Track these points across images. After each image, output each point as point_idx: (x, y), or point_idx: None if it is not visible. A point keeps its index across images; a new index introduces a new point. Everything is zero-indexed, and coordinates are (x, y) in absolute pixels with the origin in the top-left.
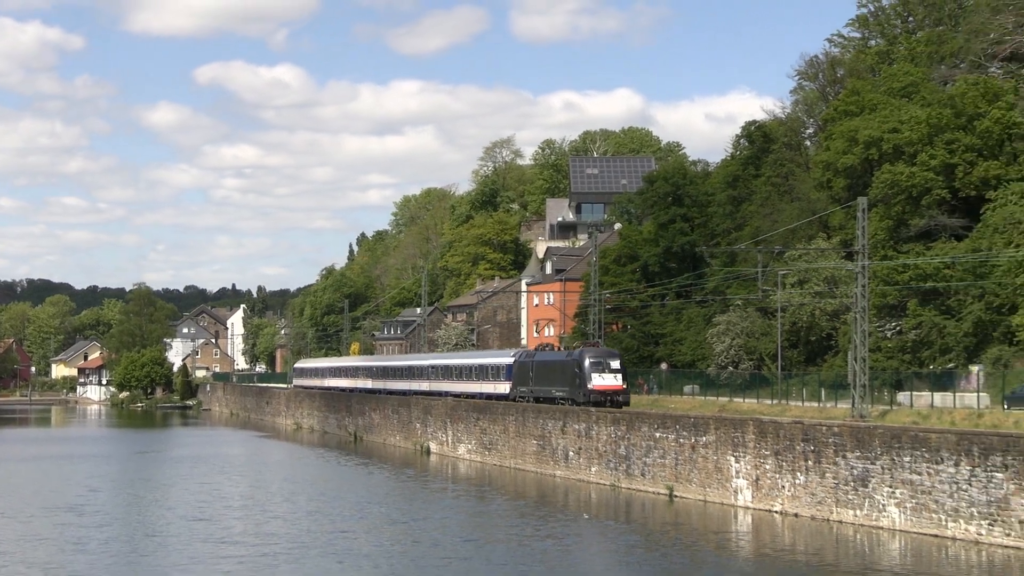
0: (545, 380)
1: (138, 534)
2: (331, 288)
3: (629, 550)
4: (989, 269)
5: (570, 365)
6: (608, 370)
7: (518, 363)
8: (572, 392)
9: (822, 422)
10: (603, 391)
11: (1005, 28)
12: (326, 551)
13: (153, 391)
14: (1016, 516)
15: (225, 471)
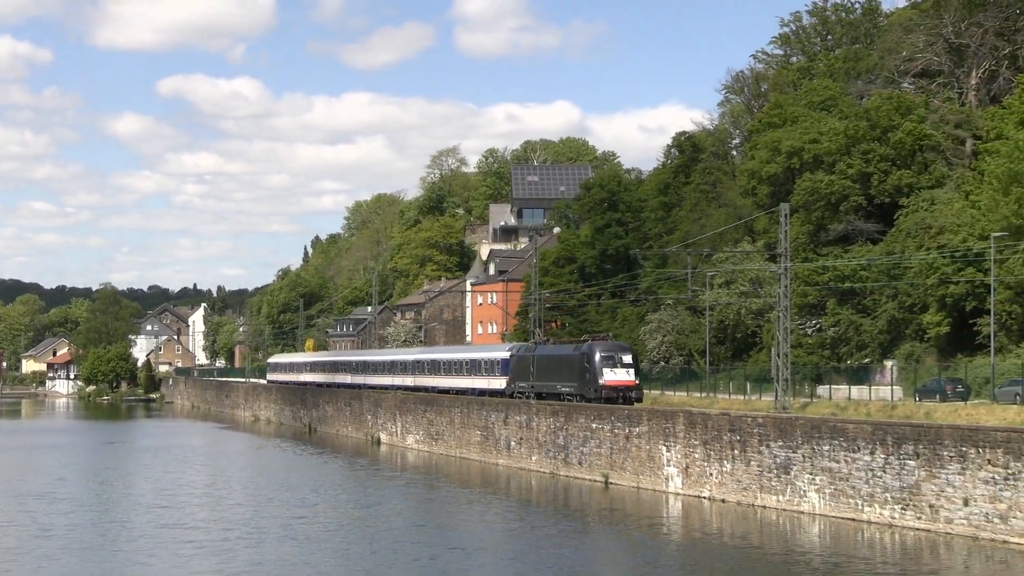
0: (549, 375)
1: (104, 520)
2: (287, 288)
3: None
4: (902, 271)
5: (578, 359)
6: (620, 364)
7: (516, 357)
8: (581, 387)
9: (747, 414)
10: (615, 387)
11: (916, 46)
12: (283, 535)
13: (118, 385)
14: (927, 501)
15: (187, 460)
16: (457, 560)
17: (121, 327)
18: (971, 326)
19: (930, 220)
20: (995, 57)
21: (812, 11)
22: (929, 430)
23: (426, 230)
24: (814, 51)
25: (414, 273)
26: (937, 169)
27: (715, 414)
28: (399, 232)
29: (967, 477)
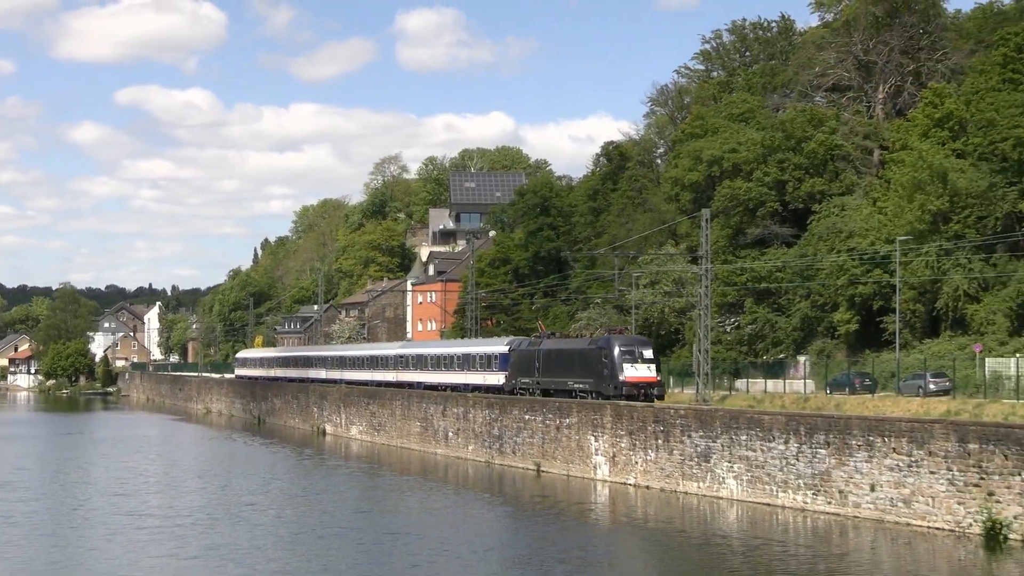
0: (558, 371)
1: (63, 507)
2: (237, 287)
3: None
4: (814, 272)
5: (594, 354)
6: (641, 360)
7: (517, 352)
8: (597, 384)
9: (670, 406)
10: (636, 383)
11: (828, 63)
12: (234, 522)
13: (77, 379)
14: (836, 486)
15: (142, 451)
16: (399, 544)
17: (80, 324)
18: (878, 324)
19: (840, 225)
20: (900, 73)
21: (731, 29)
22: (839, 421)
23: (369, 233)
24: (733, 66)
25: (358, 274)
26: (847, 177)
27: (640, 406)
28: (344, 235)
29: (874, 464)
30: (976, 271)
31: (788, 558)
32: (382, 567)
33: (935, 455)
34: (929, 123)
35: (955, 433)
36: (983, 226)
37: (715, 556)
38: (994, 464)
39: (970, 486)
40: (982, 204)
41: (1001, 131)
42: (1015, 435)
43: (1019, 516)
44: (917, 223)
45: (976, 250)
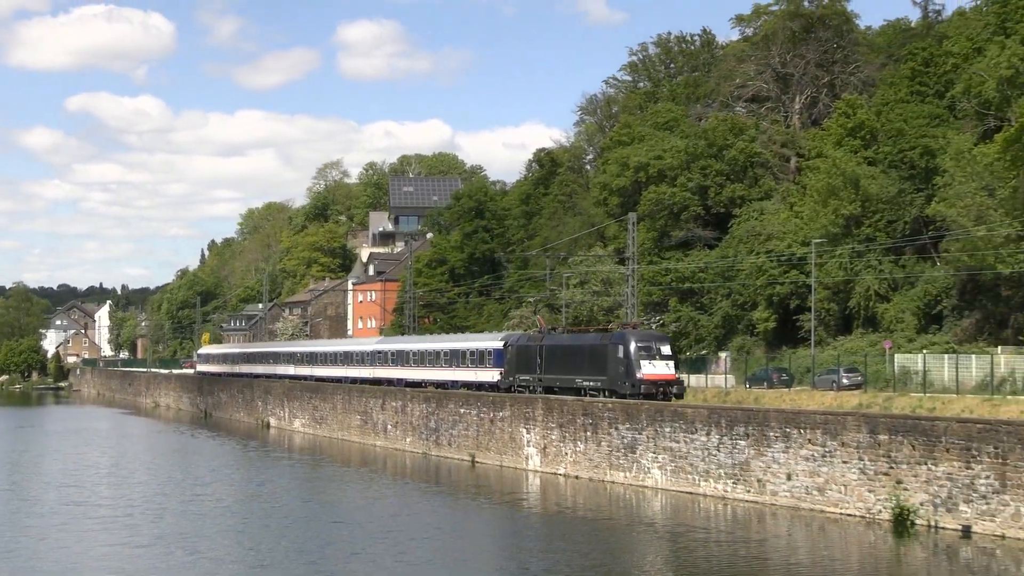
0: (565, 367)
1: (15, 498)
2: (185, 287)
3: (440, 508)
4: (735, 273)
5: (607, 350)
6: (659, 356)
7: (515, 347)
8: (611, 382)
9: (598, 400)
10: (655, 381)
11: (748, 75)
12: (183, 511)
13: (29, 375)
14: (755, 476)
15: (92, 443)
16: (342, 532)
17: (32, 322)
18: (794, 322)
19: (759, 228)
20: (816, 85)
21: (657, 43)
22: (758, 413)
23: (312, 235)
24: (659, 78)
25: (301, 274)
26: (765, 183)
27: (570, 400)
28: (287, 237)
29: (790, 455)
30: (886, 272)
31: (710, 544)
32: (325, 555)
33: (847, 446)
34: (842, 132)
35: (866, 425)
36: (892, 230)
37: (642, 542)
38: (902, 454)
39: (880, 475)
40: (891, 209)
41: (909, 140)
42: (922, 426)
43: (925, 503)
44: (831, 226)
45: (886, 252)
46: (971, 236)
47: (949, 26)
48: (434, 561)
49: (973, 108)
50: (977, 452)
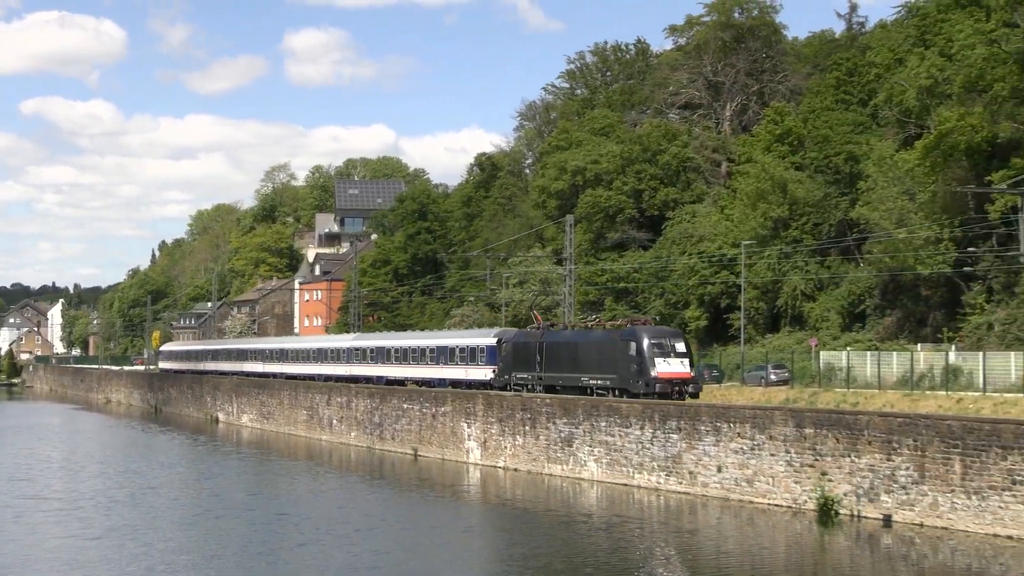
0: (568, 365)
1: None
2: (136, 286)
3: (384, 500)
4: (668, 273)
5: (617, 347)
6: (674, 353)
7: (512, 344)
8: (622, 381)
9: (536, 395)
10: (670, 379)
11: (680, 83)
12: (134, 504)
13: None
14: (687, 468)
15: (45, 438)
16: (289, 524)
17: None
18: (725, 320)
19: (691, 230)
20: (746, 93)
21: (594, 51)
22: (689, 408)
23: (260, 236)
24: (595, 85)
25: (249, 273)
26: (697, 187)
27: (509, 396)
28: (236, 237)
29: (720, 448)
30: (812, 273)
31: (644, 533)
32: (273, 546)
33: (775, 439)
34: (771, 138)
35: (793, 419)
36: (818, 232)
37: (578, 532)
38: (827, 447)
39: (806, 467)
40: (817, 212)
41: (834, 146)
42: (845, 420)
43: (848, 493)
44: (760, 229)
45: (812, 254)
46: (892, 238)
47: (872, 38)
48: (380, 551)
49: (894, 116)
50: (897, 445)
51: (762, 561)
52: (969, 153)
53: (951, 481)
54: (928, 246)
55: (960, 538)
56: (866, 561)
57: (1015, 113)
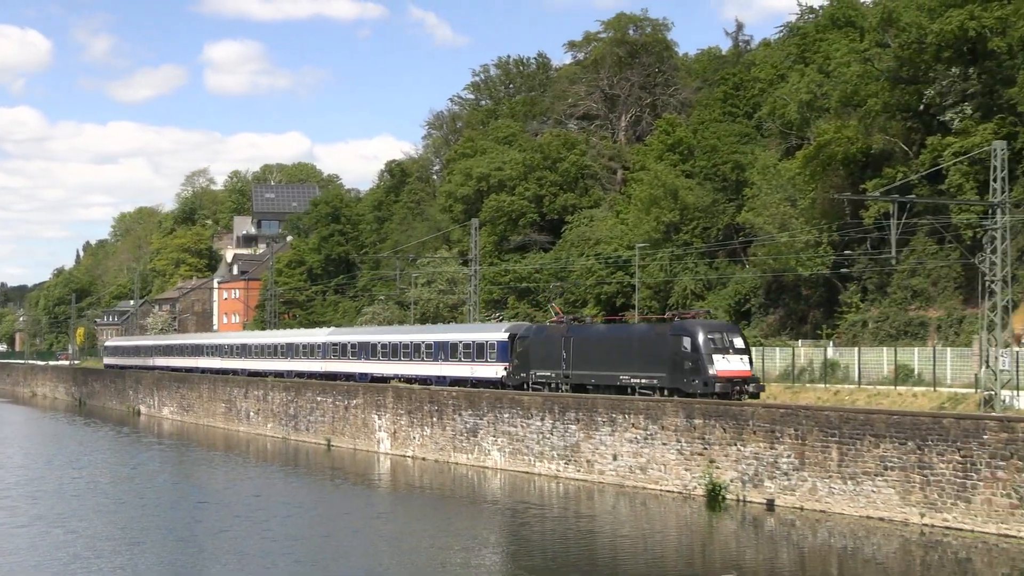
0: (603, 362)
1: None
2: (61, 285)
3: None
4: (567, 273)
5: (667, 343)
6: (733, 350)
7: (530, 340)
8: (673, 380)
9: (444, 389)
10: (731, 378)
11: (579, 95)
12: (59, 493)
13: None
14: (584, 457)
15: None
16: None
17: None
18: (620, 318)
19: (589, 233)
20: (640, 105)
21: (498, 65)
22: (587, 401)
23: (180, 237)
24: (499, 96)
25: (170, 273)
26: (594, 193)
27: (417, 389)
28: (157, 239)
29: (616, 438)
30: (701, 274)
31: (545, 517)
32: (194, 532)
33: (667, 429)
34: (663, 147)
35: (683, 410)
36: (707, 235)
37: (483, 516)
38: (715, 436)
39: (695, 455)
40: (706, 217)
41: (722, 155)
42: (732, 412)
43: (735, 480)
44: (653, 232)
45: (701, 256)
46: (775, 242)
47: (756, 55)
48: (295, 536)
49: (777, 128)
50: (780, 434)
51: (654, 543)
52: (845, 163)
53: (829, 467)
54: (808, 249)
55: (837, 520)
56: (751, 543)
57: (887, 126)
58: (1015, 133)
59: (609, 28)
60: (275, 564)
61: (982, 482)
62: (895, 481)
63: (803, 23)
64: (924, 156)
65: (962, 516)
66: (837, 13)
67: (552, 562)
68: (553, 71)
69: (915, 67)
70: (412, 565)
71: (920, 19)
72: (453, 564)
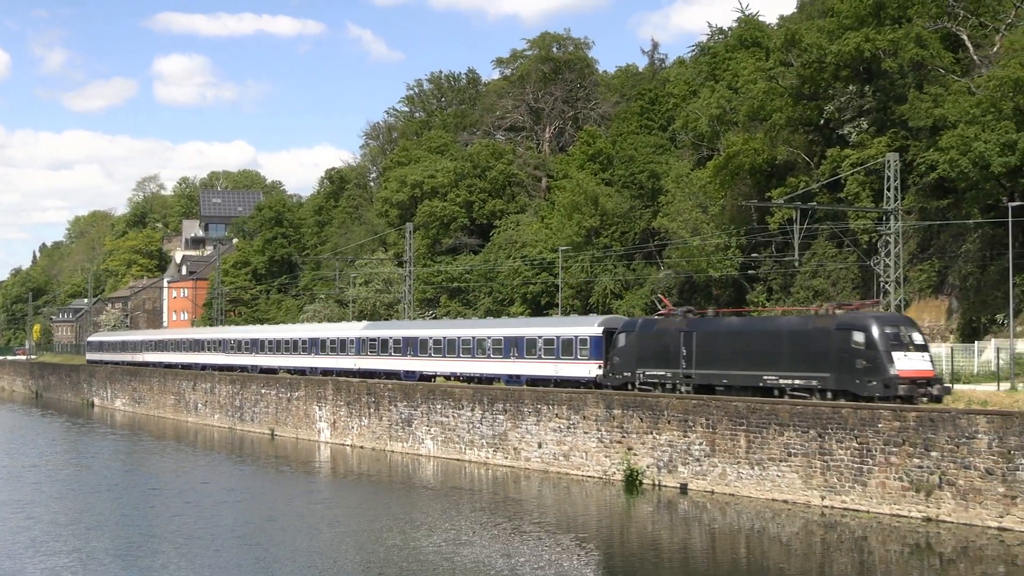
0: (740, 360)
1: None
2: (18, 284)
3: (243, 475)
4: (495, 274)
5: (830, 338)
6: (912, 346)
7: (635, 335)
8: (842, 381)
9: (381, 381)
10: (915, 379)
11: (506, 108)
12: (16, 481)
13: None
14: (512, 445)
15: None
16: (160, 498)
17: None
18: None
19: (516, 237)
20: (563, 118)
21: (430, 79)
22: (514, 392)
23: (132, 240)
24: (432, 109)
25: (122, 273)
26: (521, 199)
27: (356, 382)
28: (110, 241)
29: (541, 427)
30: (619, 274)
31: (475, 500)
32: (147, 518)
33: (588, 419)
34: (584, 157)
35: (603, 401)
36: (625, 239)
37: (418, 501)
38: (633, 425)
39: (615, 443)
40: (624, 222)
41: (639, 165)
42: (648, 403)
43: (651, 466)
44: (575, 236)
45: (620, 258)
46: (688, 245)
47: (670, 72)
48: (243, 521)
49: (690, 140)
50: (692, 423)
51: (577, 524)
52: (752, 173)
53: (737, 454)
54: (718, 252)
55: (745, 503)
56: (665, 524)
57: (790, 139)
58: (906, 146)
59: (534, 46)
60: (224, 547)
61: (877, 467)
62: (798, 466)
63: (713, 43)
64: (824, 167)
65: (859, 498)
66: (744, 34)
67: (482, 542)
68: (482, 86)
69: (816, 85)
70: (352, 545)
71: (820, 41)
72: (390, 545)
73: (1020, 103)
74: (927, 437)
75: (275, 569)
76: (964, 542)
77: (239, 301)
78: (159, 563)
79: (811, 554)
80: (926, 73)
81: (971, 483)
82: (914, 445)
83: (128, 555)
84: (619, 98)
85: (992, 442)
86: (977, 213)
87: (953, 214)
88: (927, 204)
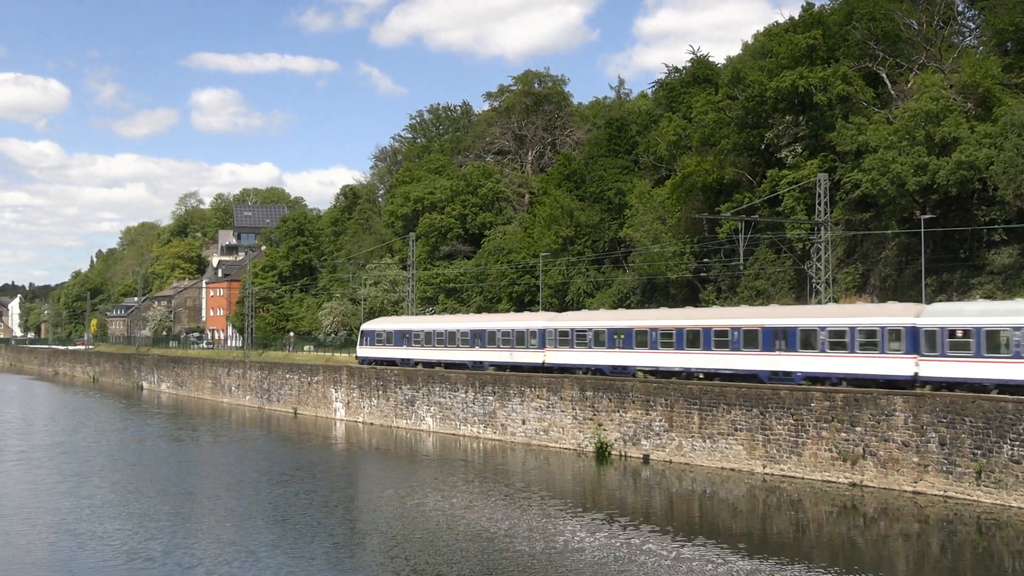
0: None
1: None
2: (78, 285)
3: (271, 445)
4: (486, 276)
5: None
6: None
7: None
8: None
9: (388, 368)
10: None
11: (494, 135)
12: (69, 451)
13: None
14: (499, 422)
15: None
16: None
17: None
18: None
19: (503, 244)
20: (543, 143)
21: (430, 110)
22: (501, 377)
23: (175, 247)
24: (431, 135)
25: (167, 275)
26: (507, 212)
27: (367, 369)
28: (157, 248)
29: (525, 406)
30: (591, 277)
31: (468, 468)
32: (191, 488)
33: (564, 399)
34: (561, 177)
35: (577, 385)
36: (596, 246)
37: (419, 467)
38: (602, 405)
39: (587, 420)
40: (595, 232)
41: (607, 183)
42: (616, 385)
43: (618, 439)
44: (553, 244)
45: (591, 263)
46: (649, 252)
47: (634, 104)
48: (274, 482)
49: (651, 162)
50: (653, 403)
51: (555, 487)
52: (704, 190)
53: (692, 429)
54: (675, 258)
55: (698, 471)
56: (630, 488)
57: (736, 161)
58: (835, 168)
59: (518, 82)
60: (260, 502)
61: (810, 440)
62: (743, 439)
63: (670, 80)
64: (765, 185)
65: (795, 467)
66: (697, 72)
67: (474, 501)
68: (474, 115)
69: (757, 115)
70: (365, 500)
71: (761, 78)
72: (393, 503)
73: (931, 131)
74: (853, 415)
75: (321, 518)
76: (884, 504)
77: (267, 299)
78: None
79: (754, 514)
80: (851, 105)
81: (890, 454)
82: (841, 421)
83: (188, 511)
84: (591, 126)
85: (908, 419)
86: (895, 224)
87: (874, 225)
88: (852, 216)
